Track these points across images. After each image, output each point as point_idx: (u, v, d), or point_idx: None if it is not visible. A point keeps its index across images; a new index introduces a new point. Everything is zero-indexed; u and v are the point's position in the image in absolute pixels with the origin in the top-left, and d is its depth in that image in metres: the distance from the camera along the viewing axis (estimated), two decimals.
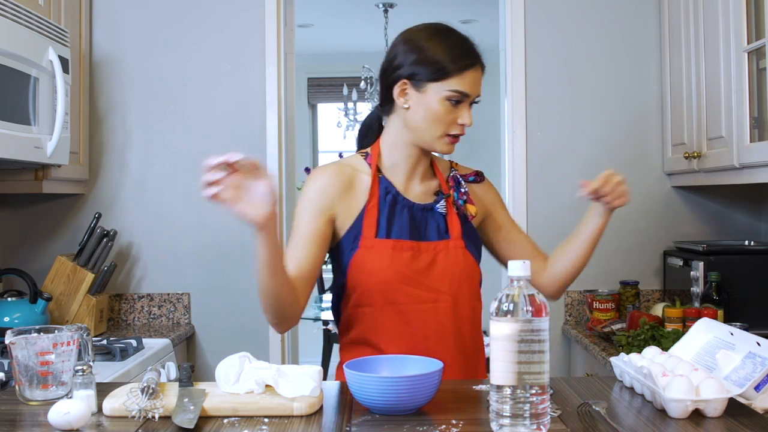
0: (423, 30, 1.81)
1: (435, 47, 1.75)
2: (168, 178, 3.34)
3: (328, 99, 7.39)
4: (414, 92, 1.76)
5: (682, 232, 3.31)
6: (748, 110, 2.45)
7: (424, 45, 1.75)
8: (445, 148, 1.80)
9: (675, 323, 2.61)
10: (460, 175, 1.93)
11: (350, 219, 1.80)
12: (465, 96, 1.74)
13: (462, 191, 1.90)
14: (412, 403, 1.39)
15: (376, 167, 1.85)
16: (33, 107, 2.50)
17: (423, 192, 1.87)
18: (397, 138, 1.84)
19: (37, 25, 2.51)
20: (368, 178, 1.83)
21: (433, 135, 1.77)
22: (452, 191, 1.89)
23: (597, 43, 3.33)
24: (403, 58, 1.77)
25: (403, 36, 1.82)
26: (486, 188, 1.97)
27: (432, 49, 1.74)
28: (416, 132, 1.79)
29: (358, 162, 1.87)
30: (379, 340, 1.78)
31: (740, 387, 1.45)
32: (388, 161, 1.86)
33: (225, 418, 1.38)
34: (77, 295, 2.99)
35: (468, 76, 1.74)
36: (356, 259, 1.77)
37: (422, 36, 1.78)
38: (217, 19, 3.34)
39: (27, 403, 1.49)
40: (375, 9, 5.74)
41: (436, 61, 1.73)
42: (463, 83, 1.74)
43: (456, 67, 1.73)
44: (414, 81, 1.76)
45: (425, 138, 1.79)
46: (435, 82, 1.74)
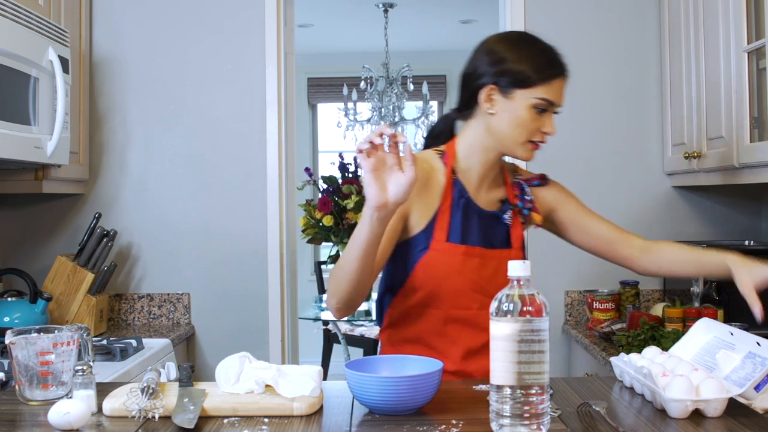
0: (509, 38, 1.85)
1: (522, 55, 1.76)
2: (168, 178, 3.34)
3: (328, 99, 7.39)
4: (501, 98, 1.77)
5: (682, 231, 3.31)
6: (748, 110, 2.45)
7: (512, 52, 1.77)
8: (526, 154, 1.81)
9: (675, 323, 2.61)
10: (524, 180, 1.95)
11: (424, 219, 1.80)
12: (551, 104, 1.77)
13: (527, 199, 1.93)
14: (412, 403, 1.39)
15: (451, 168, 1.85)
16: (33, 107, 2.50)
17: (490, 199, 1.89)
18: (476, 142, 1.84)
19: (37, 25, 2.52)
20: (443, 177, 1.84)
21: (516, 140, 1.79)
22: (517, 200, 1.91)
23: (597, 43, 3.33)
24: (490, 66, 1.78)
25: (488, 44, 1.82)
26: (549, 189, 1.99)
27: (519, 57, 1.76)
28: (499, 137, 1.80)
29: (433, 159, 1.88)
30: (439, 342, 1.81)
31: (740, 387, 1.45)
32: (464, 164, 1.86)
33: (225, 418, 1.38)
34: (77, 295, 2.99)
35: (555, 84, 1.77)
36: (425, 261, 1.78)
37: (509, 43, 1.80)
38: (217, 19, 3.34)
39: (27, 403, 1.49)
40: (375, 9, 5.75)
41: (522, 69, 1.75)
42: (550, 92, 1.76)
43: (544, 76, 1.75)
44: (501, 87, 1.77)
45: (508, 143, 1.80)
46: (523, 89, 1.75)
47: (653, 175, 3.31)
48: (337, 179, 4.36)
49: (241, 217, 3.33)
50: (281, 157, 3.34)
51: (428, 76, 6.70)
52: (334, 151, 4.93)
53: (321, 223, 4.34)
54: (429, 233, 1.80)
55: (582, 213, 2.00)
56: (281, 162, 3.34)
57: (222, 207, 3.34)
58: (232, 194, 3.33)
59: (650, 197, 3.31)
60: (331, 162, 4.54)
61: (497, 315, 1.24)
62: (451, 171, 1.85)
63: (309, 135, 7.44)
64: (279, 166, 3.33)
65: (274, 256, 3.32)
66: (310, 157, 7.41)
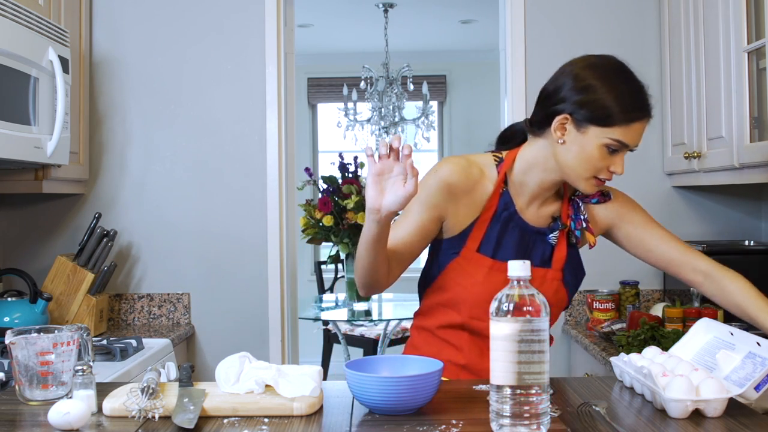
0: (599, 67, 1.73)
1: (608, 90, 1.67)
2: (168, 178, 3.34)
3: (328, 99, 7.39)
4: (573, 130, 1.70)
5: (682, 232, 3.31)
6: (748, 110, 2.45)
7: (598, 85, 1.69)
8: (588, 189, 1.75)
9: (675, 323, 2.61)
10: (581, 198, 1.87)
11: (460, 226, 1.79)
12: (625, 147, 1.69)
13: (581, 218, 1.86)
14: (412, 403, 1.39)
15: (503, 178, 1.81)
16: (33, 107, 2.50)
17: (540, 214, 1.84)
18: (538, 161, 1.78)
19: (37, 25, 2.51)
20: (491, 186, 1.80)
21: (580, 175, 1.73)
22: (570, 221, 1.86)
23: (597, 42, 3.33)
24: (572, 92, 1.71)
25: (576, 66, 1.75)
26: (608, 205, 1.91)
27: (604, 92, 1.67)
28: (564, 167, 1.74)
29: (488, 165, 1.83)
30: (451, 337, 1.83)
31: (740, 387, 1.45)
32: (519, 177, 1.81)
33: (225, 418, 1.38)
34: (77, 295, 2.99)
35: (634, 127, 1.68)
36: (454, 266, 1.79)
37: (597, 73, 1.71)
38: (216, 19, 3.34)
39: (27, 403, 1.49)
40: (375, 9, 5.74)
41: (605, 106, 1.66)
42: (626, 134, 1.67)
43: (624, 118, 1.66)
44: (576, 119, 1.69)
45: (571, 176, 1.74)
46: (598, 126, 1.67)
47: (653, 175, 3.31)
48: (337, 179, 4.37)
49: (241, 217, 3.33)
50: (281, 157, 3.34)
51: (428, 76, 6.70)
52: (334, 151, 4.93)
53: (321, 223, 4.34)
54: (463, 240, 1.79)
55: (645, 230, 1.91)
56: (281, 162, 3.34)
57: (222, 207, 3.34)
58: (232, 194, 3.33)
59: (650, 197, 3.30)
60: (331, 162, 4.54)
61: (497, 315, 1.24)
62: (502, 181, 1.81)
63: (309, 135, 7.44)
64: (279, 166, 3.32)
65: (274, 256, 3.32)
66: (310, 157, 7.41)
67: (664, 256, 1.90)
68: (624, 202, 1.93)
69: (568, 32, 3.33)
